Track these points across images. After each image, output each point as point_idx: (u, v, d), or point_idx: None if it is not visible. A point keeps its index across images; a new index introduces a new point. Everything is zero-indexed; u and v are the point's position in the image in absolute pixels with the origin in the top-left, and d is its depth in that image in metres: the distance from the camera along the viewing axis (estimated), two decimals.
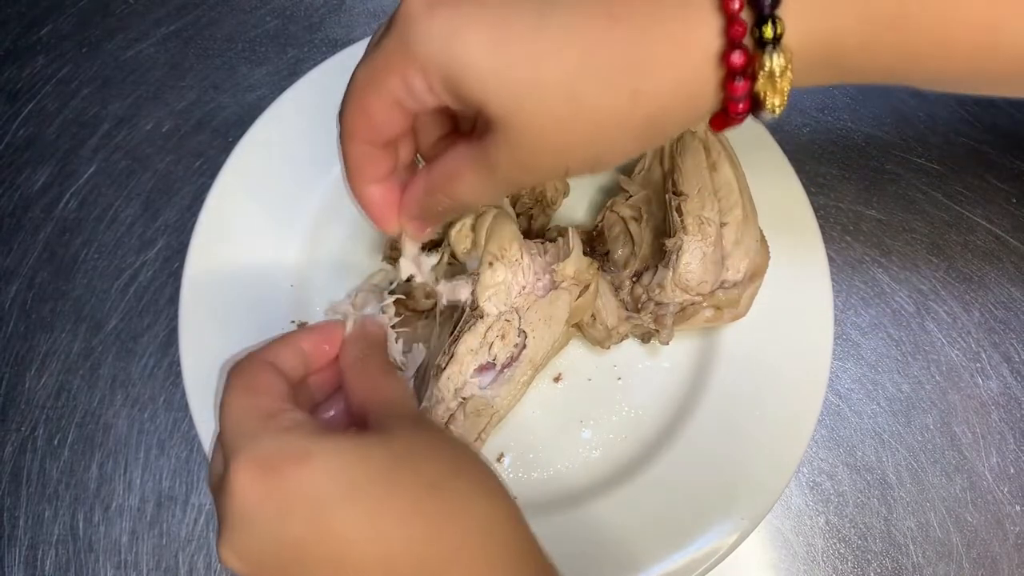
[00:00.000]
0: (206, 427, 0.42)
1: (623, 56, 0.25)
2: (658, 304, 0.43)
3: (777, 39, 0.24)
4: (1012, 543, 0.46)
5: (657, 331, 0.43)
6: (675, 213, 0.42)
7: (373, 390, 0.34)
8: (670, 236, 0.42)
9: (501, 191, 0.31)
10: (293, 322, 0.45)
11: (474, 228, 0.41)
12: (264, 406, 0.30)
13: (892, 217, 0.52)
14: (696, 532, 0.41)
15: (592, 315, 0.43)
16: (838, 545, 0.46)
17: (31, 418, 0.48)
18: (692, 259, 0.41)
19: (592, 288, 0.42)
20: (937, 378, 0.49)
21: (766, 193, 0.44)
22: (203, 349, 0.43)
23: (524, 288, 0.41)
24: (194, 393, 0.43)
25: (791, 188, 0.47)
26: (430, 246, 0.42)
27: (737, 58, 0.25)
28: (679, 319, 0.43)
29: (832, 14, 0.25)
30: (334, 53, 0.49)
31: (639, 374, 0.45)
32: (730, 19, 0.24)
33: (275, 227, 0.47)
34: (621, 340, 0.44)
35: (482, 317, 0.40)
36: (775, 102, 0.26)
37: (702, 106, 0.26)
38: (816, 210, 0.46)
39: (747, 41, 0.25)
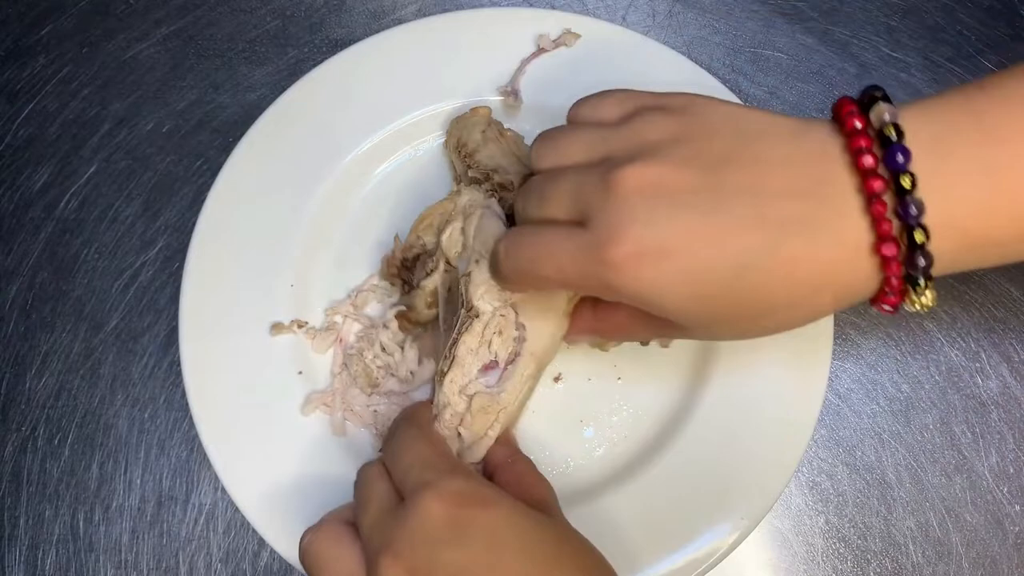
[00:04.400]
0: (206, 427, 0.42)
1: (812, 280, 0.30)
2: None
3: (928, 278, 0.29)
4: (1012, 543, 0.46)
5: None
6: None
7: (518, 487, 0.37)
8: None
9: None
10: (293, 322, 0.45)
11: (463, 231, 0.41)
12: (449, 454, 0.36)
13: None
14: (696, 531, 0.41)
15: None
16: (838, 545, 0.46)
17: (31, 418, 0.48)
18: None
19: None
20: (937, 378, 0.49)
21: None
22: (203, 349, 0.43)
23: None
24: (194, 393, 0.43)
25: None
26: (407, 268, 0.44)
27: (891, 296, 0.30)
28: None
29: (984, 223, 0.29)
30: (334, 53, 0.49)
31: (639, 374, 0.46)
32: (885, 262, 0.29)
33: (275, 227, 0.47)
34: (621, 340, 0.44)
35: (478, 316, 0.39)
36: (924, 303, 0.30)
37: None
38: None
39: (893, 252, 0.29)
